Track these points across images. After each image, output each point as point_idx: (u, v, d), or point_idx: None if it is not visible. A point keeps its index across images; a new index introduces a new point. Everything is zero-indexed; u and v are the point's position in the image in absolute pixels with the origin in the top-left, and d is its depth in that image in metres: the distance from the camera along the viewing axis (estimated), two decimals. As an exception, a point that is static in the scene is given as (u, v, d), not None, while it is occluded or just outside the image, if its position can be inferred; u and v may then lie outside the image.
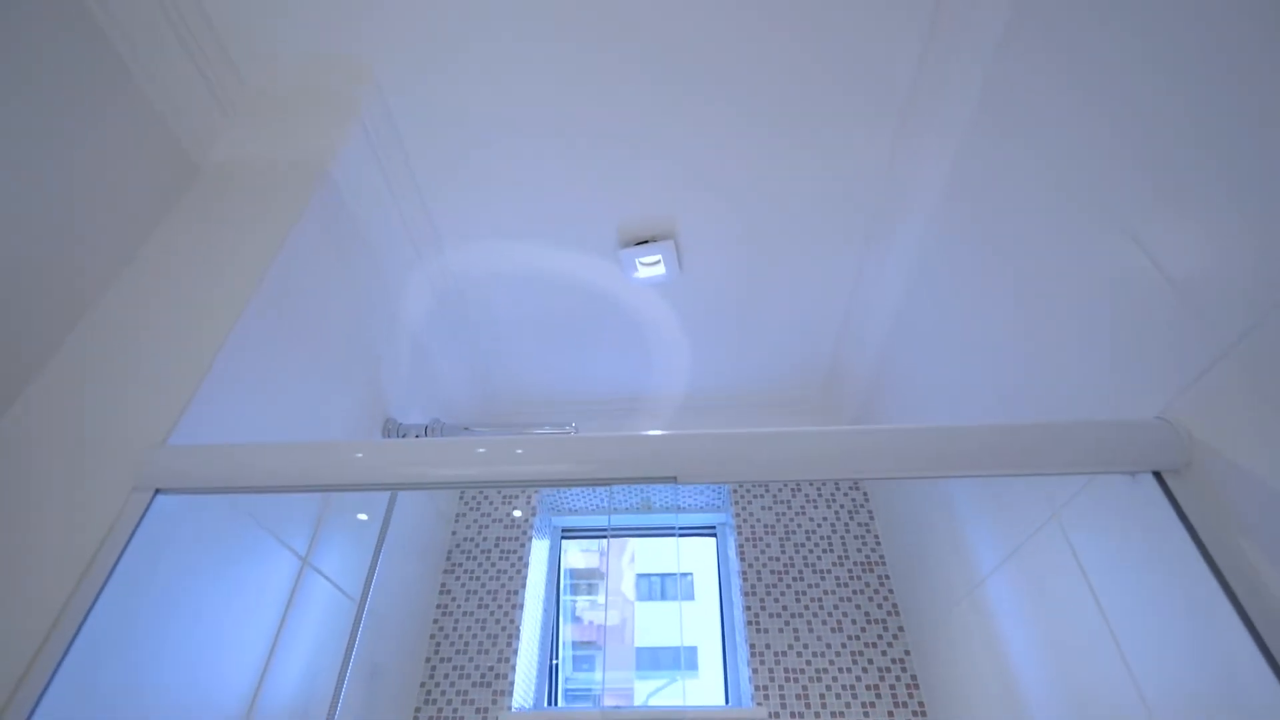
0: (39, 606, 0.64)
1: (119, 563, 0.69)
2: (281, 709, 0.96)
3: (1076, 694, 0.87)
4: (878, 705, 1.37)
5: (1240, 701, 0.61)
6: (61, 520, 0.70)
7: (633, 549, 2.37)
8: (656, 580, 3.22)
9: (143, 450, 0.73)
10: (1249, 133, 0.57)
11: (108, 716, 0.67)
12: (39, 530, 0.69)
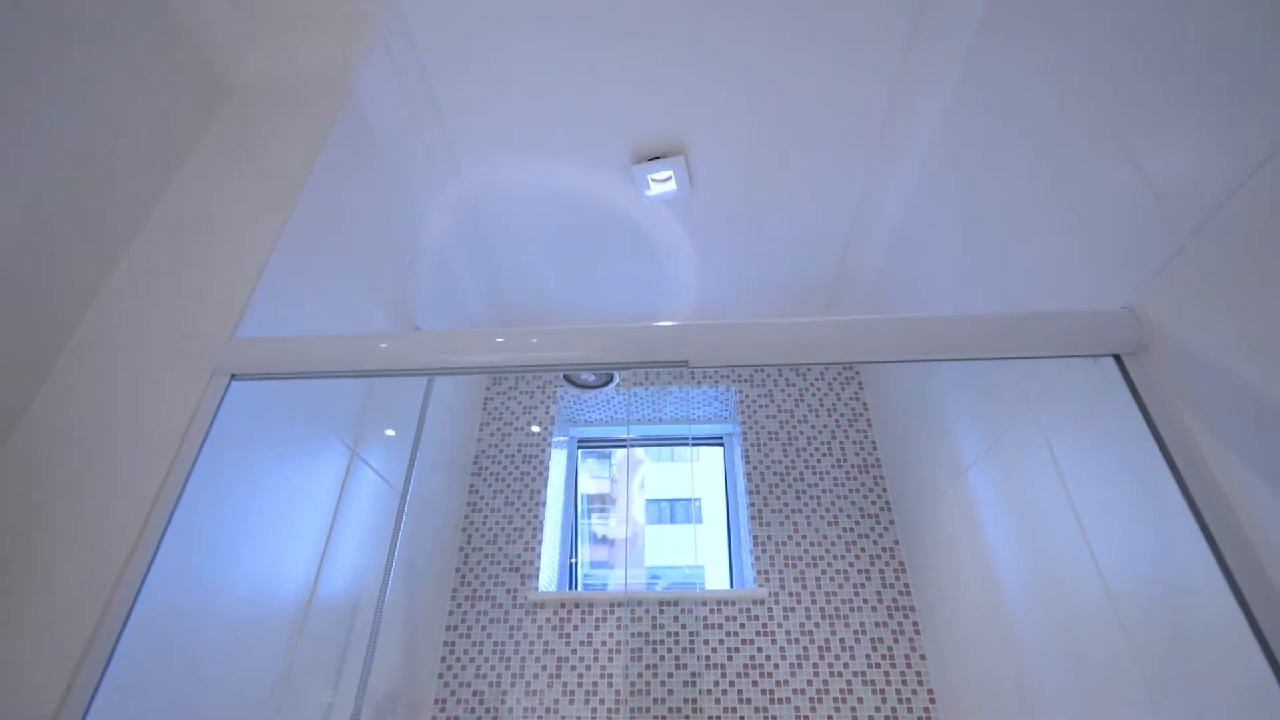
0: (138, 489, 0.73)
1: (203, 447, 0.79)
2: (340, 586, 1.10)
3: (1044, 570, 0.97)
4: (867, 586, 1.52)
5: (1178, 572, 0.69)
6: (152, 407, 0.80)
7: (643, 474, 2.51)
8: (666, 505, 3.40)
9: (217, 342, 0.82)
10: (1242, 44, 0.61)
11: (201, 596, 0.78)
12: (132, 418, 0.79)
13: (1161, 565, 0.73)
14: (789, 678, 1.42)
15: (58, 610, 0.66)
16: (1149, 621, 0.75)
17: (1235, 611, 0.62)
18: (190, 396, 0.80)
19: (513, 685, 1.46)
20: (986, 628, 1.14)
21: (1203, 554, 0.66)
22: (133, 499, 0.73)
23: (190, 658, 0.76)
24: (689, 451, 2.64)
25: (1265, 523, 0.60)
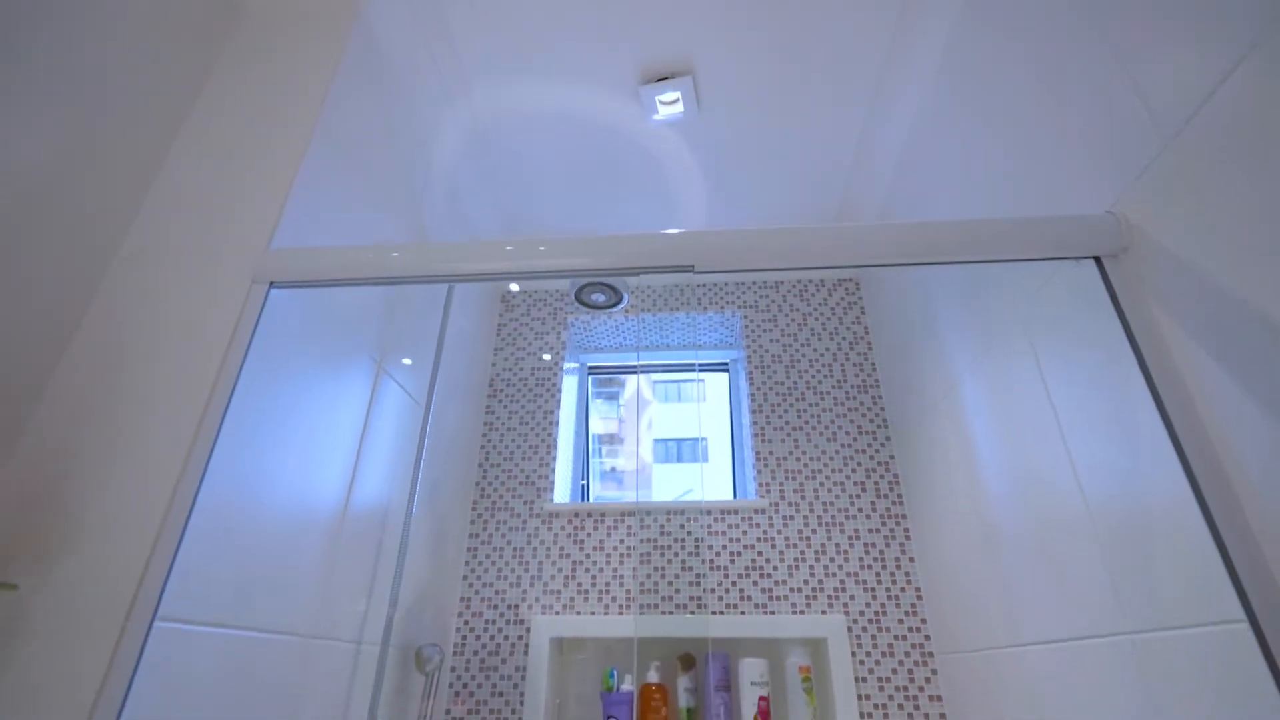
0: (192, 394, 0.80)
1: (248, 353, 0.86)
2: (371, 497, 1.20)
3: (1025, 476, 1.03)
4: (862, 496, 1.61)
5: (1145, 471, 0.75)
6: (199, 315, 0.87)
7: (651, 415, 2.59)
8: (674, 445, 3.50)
9: (254, 254, 0.88)
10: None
11: (250, 498, 0.86)
12: (181, 326, 0.86)
13: (1130, 463, 0.78)
14: (787, 578, 1.53)
15: (127, 508, 0.74)
16: (1117, 520, 0.82)
17: (1193, 507, 0.67)
18: (233, 304, 0.87)
19: (531, 585, 1.58)
20: (971, 530, 1.23)
21: (1168, 455, 0.70)
22: (188, 403, 0.81)
23: (243, 554, 0.84)
24: (695, 390, 2.72)
25: (1226, 424, 0.66)
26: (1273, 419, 0.60)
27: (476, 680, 1.49)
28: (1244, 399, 0.63)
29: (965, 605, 1.27)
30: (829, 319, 1.87)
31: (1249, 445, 0.63)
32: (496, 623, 1.55)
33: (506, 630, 1.54)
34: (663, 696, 1.44)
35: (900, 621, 1.47)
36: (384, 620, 1.18)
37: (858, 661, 1.44)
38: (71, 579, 0.69)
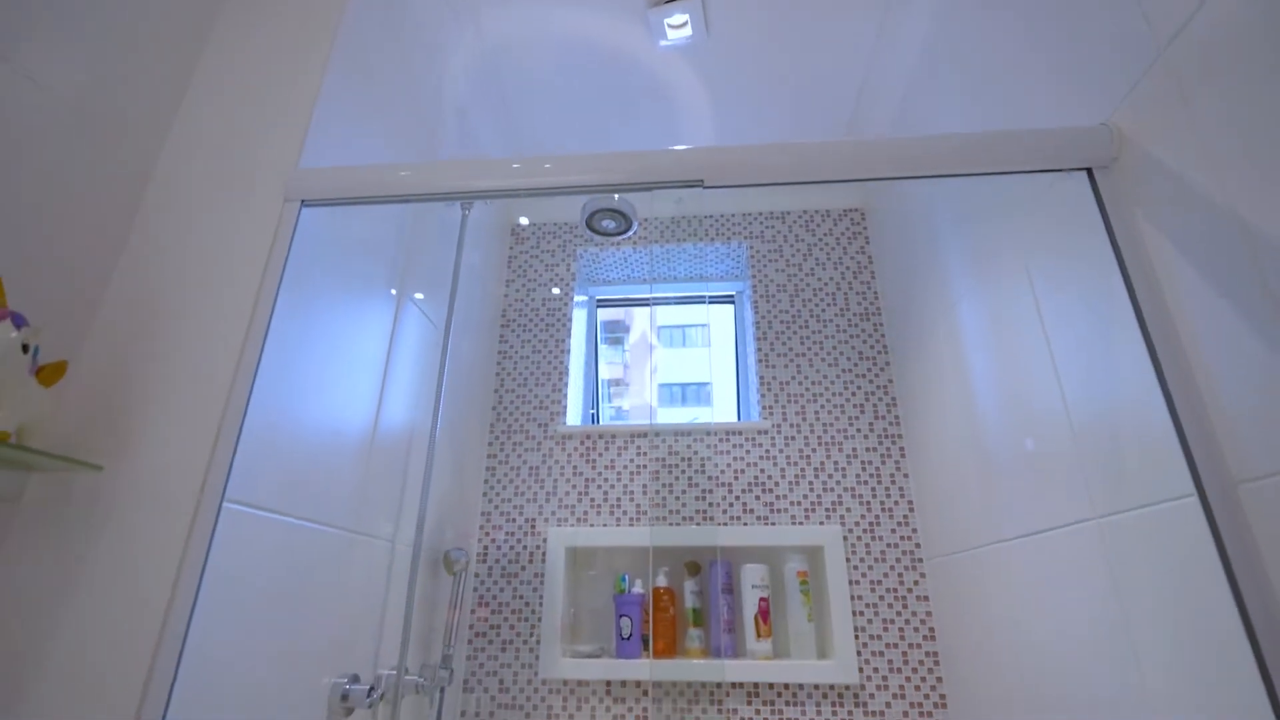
0: (236, 312, 0.85)
1: (284, 274, 0.91)
2: (397, 420, 1.27)
3: (1014, 392, 1.09)
4: (861, 418, 1.69)
5: (1125, 382, 0.81)
6: (236, 234, 0.92)
7: (657, 360, 2.64)
8: (678, 389, 3.57)
9: (284, 173, 0.92)
10: None
11: (290, 420, 0.93)
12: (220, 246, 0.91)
13: (1110, 370, 0.84)
14: (788, 493, 1.63)
15: (190, 404, 0.82)
16: (1095, 425, 0.88)
17: (1160, 405, 0.73)
18: (268, 222, 0.92)
19: (547, 501, 1.69)
20: (962, 444, 1.31)
21: (1145, 369, 0.76)
22: (235, 310, 0.87)
23: (288, 456, 0.92)
24: (700, 335, 2.77)
25: (1198, 324, 0.71)
26: (1241, 319, 0.66)
27: (499, 585, 1.62)
28: (1216, 301, 0.69)
29: (953, 513, 1.36)
30: (833, 249, 1.90)
31: (1216, 343, 0.69)
32: (515, 534, 1.66)
33: (525, 541, 1.65)
34: (670, 598, 1.57)
35: (893, 531, 1.57)
36: (415, 524, 1.28)
37: (851, 567, 1.55)
38: (147, 464, 0.77)
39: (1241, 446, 0.66)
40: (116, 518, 0.75)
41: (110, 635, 0.71)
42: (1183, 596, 0.72)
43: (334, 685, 1.01)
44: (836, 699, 1.44)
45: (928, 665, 1.45)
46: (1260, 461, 0.63)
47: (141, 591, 0.72)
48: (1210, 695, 0.69)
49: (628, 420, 2.28)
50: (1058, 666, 0.99)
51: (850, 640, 1.48)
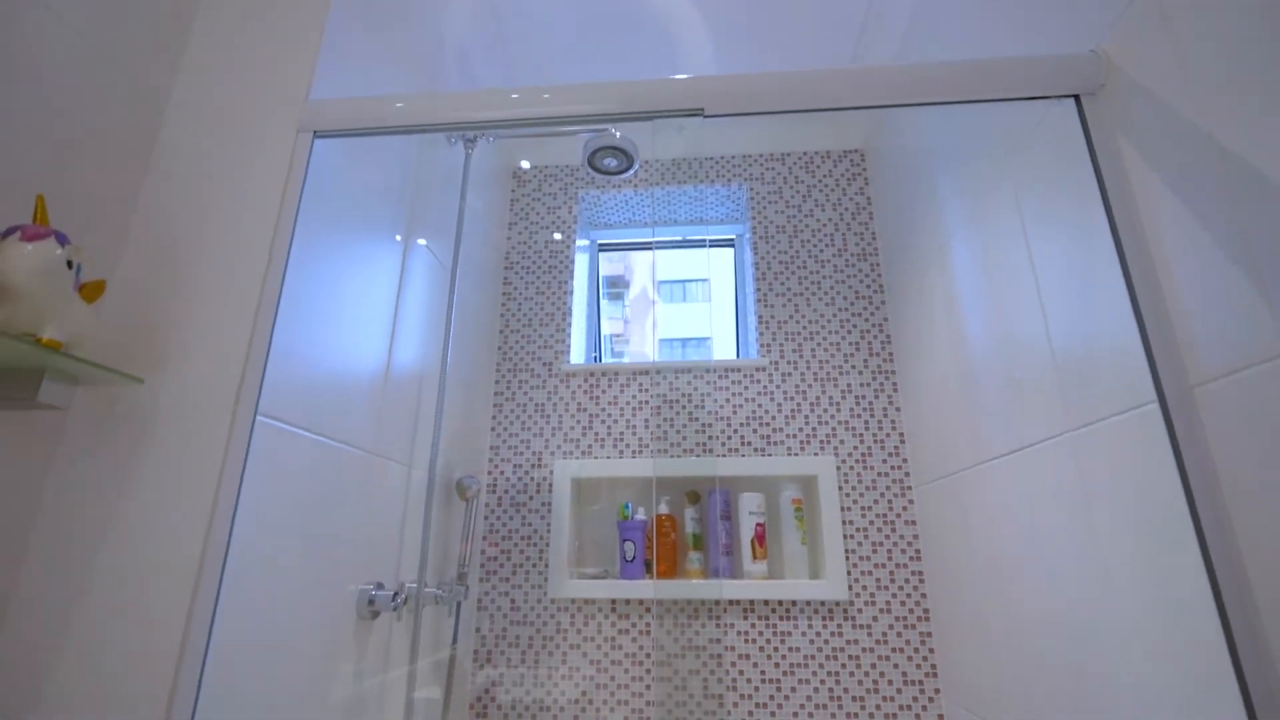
0: (256, 243, 0.90)
1: (301, 203, 0.94)
2: (409, 359, 1.32)
3: (1002, 328, 1.13)
4: (856, 355, 1.75)
5: (1100, 310, 0.85)
6: (252, 161, 0.95)
7: (655, 315, 2.66)
8: (678, 344, 3.61)
9: (296, 103, 0.95)
10: None
11: (314, 334, 0.98)
12: (236, 179, 0.94)
13: (1091, 302, 0.88)
14: (784, 425, 1.70)
15: (220, 322, 0.87)
16: (1075, 357, 0.93)
17: (1134, 333, 0.78)
18: (283, 152, 0.95)
19: (553, 435, 1.76)
20: (951, 376, 1.36)
21: (1120, 291, 0.80)
22: (254, 247, 0.90)
23: (311, 380, 0.97)
24: (700, 290, 2.80)
25: (1173, 248, 0.76)
26: (1208, 238, 0.70)
27: (508, 514, 1.70)
28: (1187, 221, 0.73)
29: (940, 440, 1.43)
30: (833, 190, 1.92)
31: (1185, 262, 0.73)
32: (523, 467, 1.74)
33: (532, 473, 1.73)
34: (672, 524, 1.65)
35: (884, 461, 1.65)
36: (428, 452, 1.35)
37: (844, 494, 1.63)
38: (184, 379, 0.82)
39: (1199, 354, 0.71)
40: (158, 429, 0.81)
41: (159, 542, 0.77)
42: (1143, 503, 0.79)
43: (361, 592, 1.10)
44: (827, 614, 1.55)
45: (913, 583, 1.55)
46: (1213, 365, 0.69)
47: (186, 499, 0.78)
48: (1163, 600, 0.76)
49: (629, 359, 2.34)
50: (1030, 581, 1.07)
51: (841, 561, 1.57)
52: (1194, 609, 0.70)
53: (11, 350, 0.66)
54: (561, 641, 1.59)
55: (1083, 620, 0.92)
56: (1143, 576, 0.79)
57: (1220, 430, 0.69)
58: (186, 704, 0.72)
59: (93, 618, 0.75)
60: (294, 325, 0.93)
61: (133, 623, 0.74)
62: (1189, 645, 0.71)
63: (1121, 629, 0.83)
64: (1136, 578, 0.80)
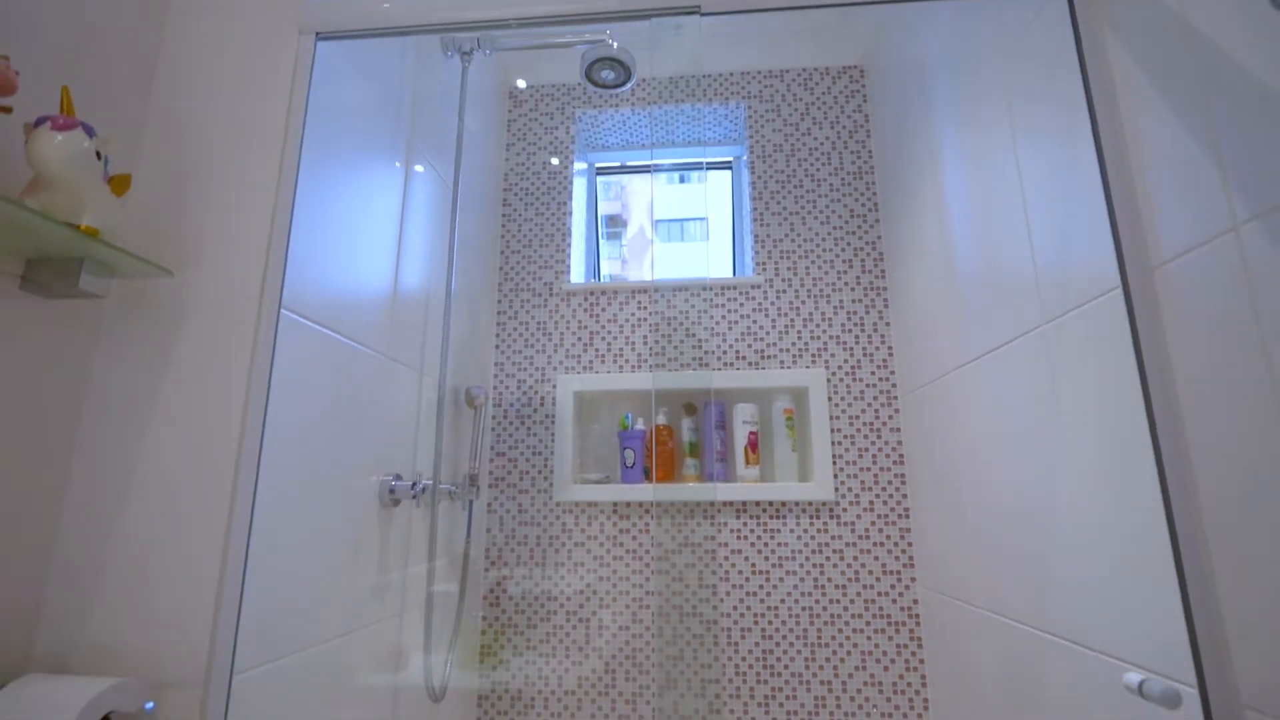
0: (270, 136, 0.92)
1: (308, 111, 0.96)
2: (415, 279, 1.36)
3: (988, 239, 1.16)
4: (849, 272, 1.79)
5: (1081, 216, 0.89)
6: (257, 63, 0.96)
7: (653, 255, 2.66)
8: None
9: (297, 3, 0.96)
10: None
11: (327, 238, 1.02)
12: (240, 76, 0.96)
13: (1070, 203, 0.93)
14: (777, 340, 1.77)
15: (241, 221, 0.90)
16: (1053, 257, 0.98)
17: (1105, 225, 0.83)
18: (286, 57, 0.96)
19: (555, 352, 1.82)
20: (939, 288, 1.41)
21: (1096, 188, 0.84)
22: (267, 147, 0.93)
23: (328, 291, 1.02)
24: (698, 229, 2.80)
25: (1149, 154, 0.79)
26: (1187, 127, 0.74)
27: (513, 426, 1.79)
28: (1169, 117, 0.76)
29: (926, 350, 1.50)
30: (831, 107, 1.92)
31: (1160, 157, 0.77)
32: (527, 382, 1.81)
33: (536, 388, 1.81)
34: (669, 434, 1.74)
35: (872, 373, 1.72)
36: (438, 361, 1.42)
37: (833, 404, 1.71)
38: (211, 272, 0.87)
39: (1161, 236, 0.76)
40: (190, 321, 0.86)
41: (199, 430, 0.83)
42: (1102, 393, 0.85)
43: (382, 482, 1.18)
44: (814, 513, 1.66)
45: (895, 485, 1.65)
46: (1172, 245, 0.74)
47: (222, 388, 0.84)
48: (1114, 488, 0.84)
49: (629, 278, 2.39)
50: (1001, 475, 1.15)
51: (829, 466, 1.67)
52: (1141, 497, 0.78)
53: (53, 236, 0.71)
54: (567, 540, 1.70)
55: (1044, 509, 1.01)
56: (1098, 465, 0.87)
57: (1175, 311, 0.75)
58: (234, 586, 0.80)
59: (140, 507, 0.82)
60: (309, 229, 0.97)
61: (178, 511, 0.81)
62: (1134, 533, 0.80)
63: (1077, 516, 0.92)
64: (1092, 467, 0.88)
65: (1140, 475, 0.78)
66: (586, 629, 1.65)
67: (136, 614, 0.78)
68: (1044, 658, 1.01)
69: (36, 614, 0.78)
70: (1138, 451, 0.78)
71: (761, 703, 1.57)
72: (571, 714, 1.61)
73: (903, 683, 1.55)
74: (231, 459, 0.82)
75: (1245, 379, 0.65)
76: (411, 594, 1.31)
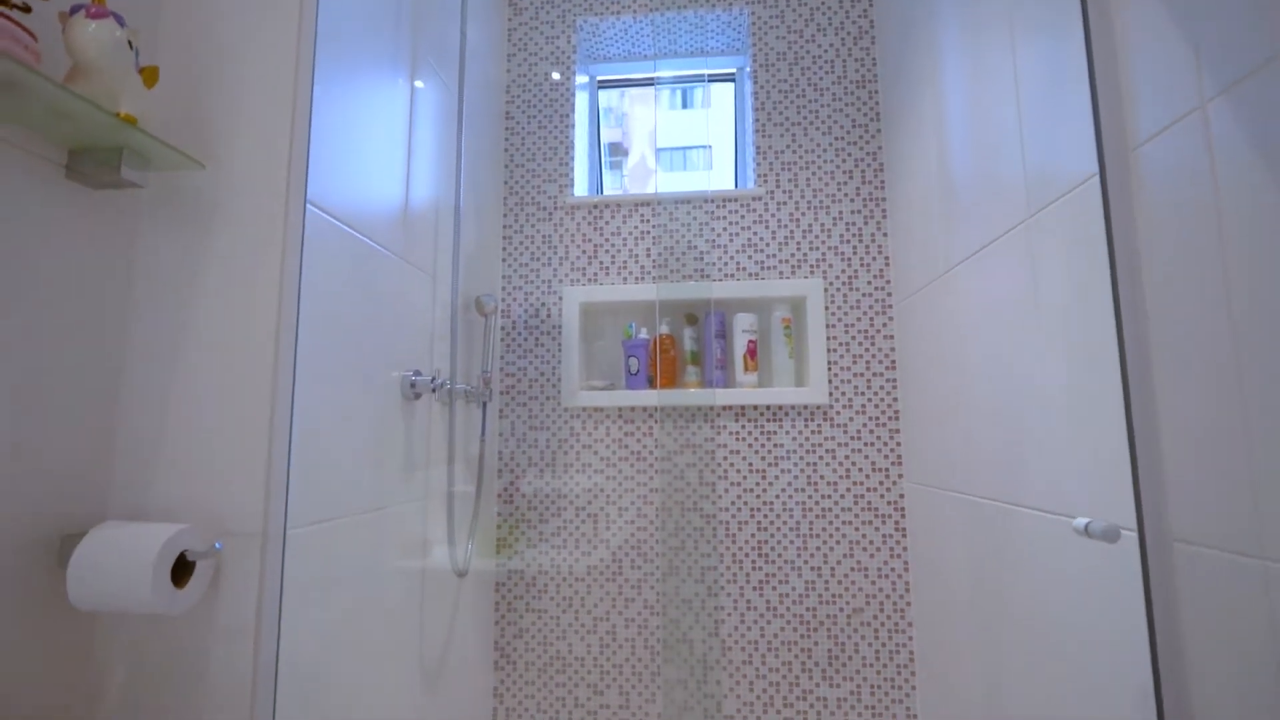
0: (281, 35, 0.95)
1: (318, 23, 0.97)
2: (425, 194, 1.39)
3: (983, 141, 1.18)
4: (849, 183, 1.82)
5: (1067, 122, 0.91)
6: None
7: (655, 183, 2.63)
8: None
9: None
10: None
11: (347, 151, 1.04)
12: None
13: (1058, 100, 0.95)
14: (777, 251, 1.81)
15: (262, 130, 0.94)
16: (1040, 152, 1.01)
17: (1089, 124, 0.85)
18: (293, -51, 0.97)
19: (560, 265, 1.87)
20: (933, 196, 1.45)
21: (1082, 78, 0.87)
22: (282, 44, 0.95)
23: (348, 190, 1.07)
24: (701, 157, 2.77)
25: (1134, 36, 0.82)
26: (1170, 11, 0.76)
27: (521, 337, 1.86)
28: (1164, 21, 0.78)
29: (921, 256, 1.55)
30: (835, 12, 1.88)
31: (1145, 34, 0.80)
32: (534, 295, 1.87)
33: (543, 299, 1.87)
34: (671, 342, 1.82)
35: (869, 283, 1.78)
36: (450, 267, 1.48)
37: (829, 313, 1.78)
38: (239, 166, 0.92)
39: (1139, 120, 0.80)
40: (222, 212, 0.91)
41: (238, 318, 0.90)
42: (1077, 283, 0.90)
43: (404, 377, 1.27)
44: (809, 416, 1.75)
45: (887, 389, 1.74)
46: (1148, 127, 0.78)
47: (258, 276, 0.90)
48: (1081, 380, 0.91)
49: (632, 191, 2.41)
50: (983, 370, 1.23)
51: (824, 371, 1.75)
52: (1103, 378, 0.85)
53: (96, 123, 0.75)
54: (575, 443, 1.81)
55: (1017, 397, 1.09)
56: (1068, 348, 0.94)
57: (1146, 194, 0.80)
58: (282, 448, 0.88)
59: (192, 377, 0.89)
60: (326, 130, 1.00)
61: (227, 381, 0.89)
62: (1094, 410, 0.87)
63: (1046, 399, 1.00)
64: (1063, 350, 0.95)
65: (1104, 357, 0.85)
66: (595, 524, 1.78)
67: (198, 472, 0.87)
68: (1008, 525, 1.12)
69: (109, 472, 0.87)
70: (1104, 334, 0.85)
71: (756, 587, 1.72)
72: (581, 598, 1.76)
73: (887, 568, 1.69)
74: (271, 336, 0.89)
75: (1202, 262, 0.70)
76: (434, 485, 1.42)
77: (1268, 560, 0.62)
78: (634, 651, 1.73)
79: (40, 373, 0.79)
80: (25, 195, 0.78)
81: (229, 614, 0.84)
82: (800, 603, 1.69)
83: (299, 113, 0.94)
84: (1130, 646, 0.79)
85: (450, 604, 1.48)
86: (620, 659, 1.73)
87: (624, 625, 1.73)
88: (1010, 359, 1.13)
